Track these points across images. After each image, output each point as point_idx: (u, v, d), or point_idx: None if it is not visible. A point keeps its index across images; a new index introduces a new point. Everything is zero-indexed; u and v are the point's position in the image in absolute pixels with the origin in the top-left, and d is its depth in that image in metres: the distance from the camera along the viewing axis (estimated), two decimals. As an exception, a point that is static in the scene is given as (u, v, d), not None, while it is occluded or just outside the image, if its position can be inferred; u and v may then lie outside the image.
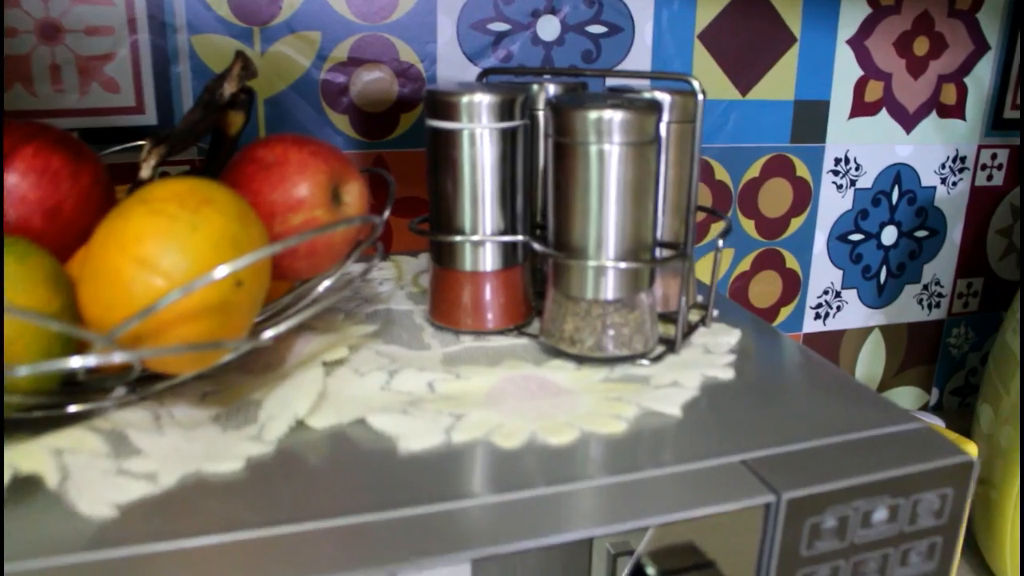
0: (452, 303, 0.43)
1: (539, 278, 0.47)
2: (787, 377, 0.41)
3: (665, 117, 0.42)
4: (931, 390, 0.85)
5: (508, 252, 0.43)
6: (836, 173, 0.73)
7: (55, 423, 0.34)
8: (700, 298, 0.50)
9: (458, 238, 0.42)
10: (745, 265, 0.73)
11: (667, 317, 0.45)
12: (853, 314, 0.78)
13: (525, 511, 0.30)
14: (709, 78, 0.67)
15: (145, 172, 0.40)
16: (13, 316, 0.29)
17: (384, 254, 0.58)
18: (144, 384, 0.36)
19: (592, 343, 0.39)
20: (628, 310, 0.39)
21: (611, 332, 0.39)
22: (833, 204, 0.74)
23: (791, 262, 0.74)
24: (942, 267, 0.80)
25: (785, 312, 0.76)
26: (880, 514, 0.33)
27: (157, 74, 0.58)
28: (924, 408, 0.85)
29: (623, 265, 0.38)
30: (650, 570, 0.31)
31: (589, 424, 0.35)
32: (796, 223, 0.73)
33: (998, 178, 0.79)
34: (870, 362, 0.81)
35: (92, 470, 0.31)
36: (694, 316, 0.46)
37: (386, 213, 0.39)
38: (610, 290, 0.39)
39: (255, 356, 0.40)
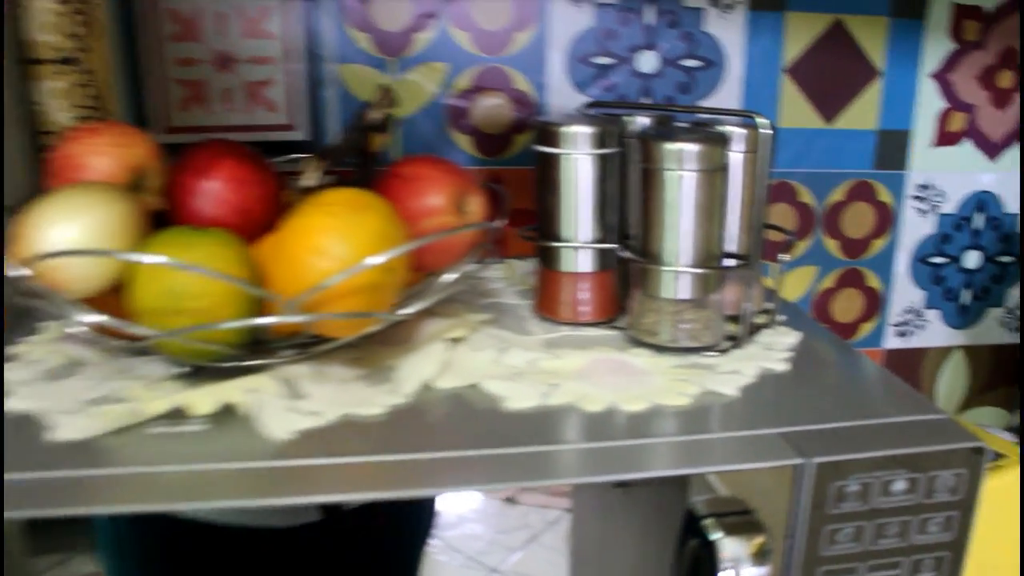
0: (554, 298, 0.53)
1: (627, 281, 0.56)
2: (835, 372, 0.49)
3: (741, 147, 0.51)
4: (1014, 411, 0.89)
5: (601, 257, 0.52)
6: (919, 199, 0.79)
7: (244, 372, 0.45)
8: (772, 307, 0.58)
9: (560, 244, 0.51)
10: (829, 282, 0.80)
11: (736, 319, 0.53)
12: (935, 334, 0.84)
13: (602, 456, 0.39)
14: (795, 108, 0.75)
15: (312, 181, 0.51)
16: (225, 282, 0.40)
17: (498, 256, 0.68)
18: (309, 348, 0.46)
19: (668, 335, 0.48)
20: (699, 308, 0.48)
21: (684, 326, 0.48)
22: (915, 227, 0.80)
23: (872, 281, 0.81)
24: (1027, 292, 0.85)
25: (866, 328, 0.82)
26: (899, 485, 0.41)
27: (309, 97, 0.70)
28: (1009, 429, 0.89)
29: (695, 270, 0.47)
30: (702, 511, 0.40)
31: (659, 398, 0.44)
32: (878, 244, 0.80)
33: (1086, 207, 0.83)
34: (951, 381, 0.86)
35: (273, 406, 0.41)
36: (762, 320, 0.54)
37: (501, 221, 0.49)
38: (684, 290, 0.47)
39: (392, 332, 0.50)
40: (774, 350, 0.50)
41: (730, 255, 0.51)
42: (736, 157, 0.50)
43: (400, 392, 0.44)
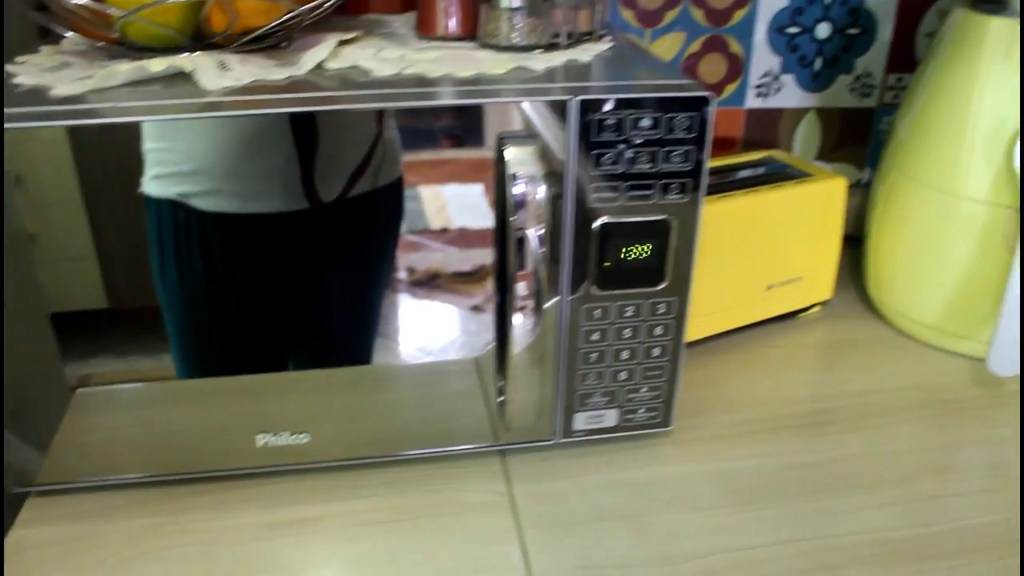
0: (428, 19, 0.71)
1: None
2: (626, 61, 0.68)
3: None
4: (864, 168, 1.08)
5: (463, -16, 0.70)
6: (775, -26, 0.96)
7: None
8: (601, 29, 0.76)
9: (430, -26, 0.70)
10: (695, 47, 0.98)
11: (570, 34, 0.71)
12: (790, 96, 1.02)
13: (442, 96, 0.58)
14: None
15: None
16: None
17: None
18: (235, 40, 0.65)
19: (504, 37, 0.67)
20: (528, 16, 0.66)
21: (518, 27, 0.66)
22: (772, 1, 0.97)
23: (734, 47, 0.98)
24: (873, 62, 1.02)
25: (730, 89, 1.00)
26: (645, 122, 0.60)
27: None
28: (855, 185, 1.08)
29: (522, -16, 0.65)
30: (506, 136, 0.59)
31: (484, 70, 0.63)
32: (739, 15, 0.97)
33: (927, -14, 1.00)
34: (806, 138, 1.05)
35: (209, 71, 0.61)
36: (588, 37, 0.72)
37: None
38: (516, 0, 0.66)
39: (303, 43, 0.69)
40: (587, 52, 0.69)
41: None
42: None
43: (301, 70, 0.63)
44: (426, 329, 0.66)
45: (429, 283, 0.64)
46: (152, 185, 0.58)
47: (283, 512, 0.67)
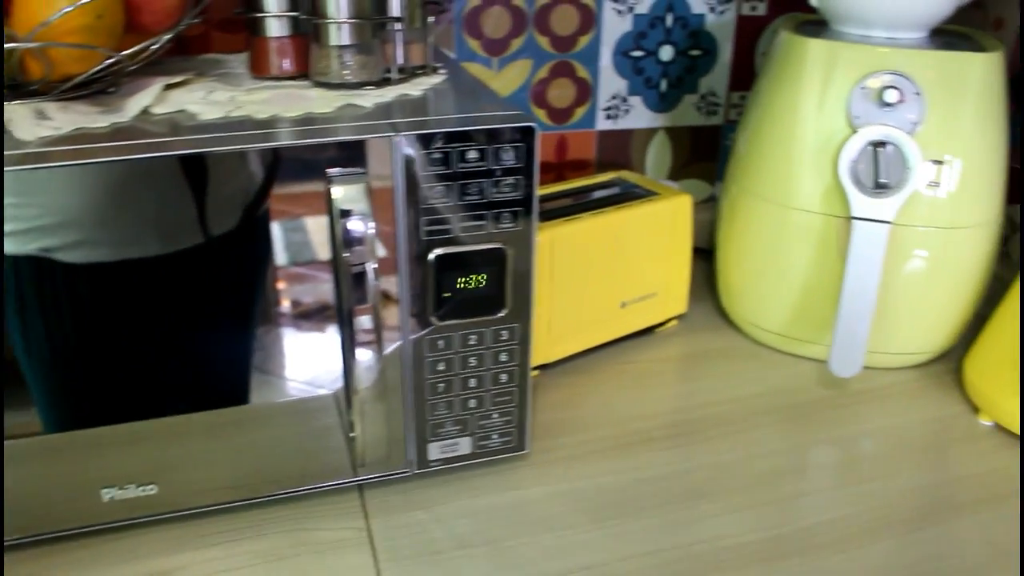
0: (261, 59, 0.71)
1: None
2: (456, 95, 0.69)
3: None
4: (715, 183, 1.13)
5: (291, 24, 0.70)
6: (616, 0, 1.00)
7: (4, 106, 0.62)
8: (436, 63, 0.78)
9: (258, 14, 0.70)
10: (543, 73, 1.01)
11: (402, 69, 0.73)
12: (639, 117, 1.06)
13: (266, 138, 0.59)
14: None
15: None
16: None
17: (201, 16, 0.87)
18: (55, 88, 0.64)
19: (335, 75, 0.68)
20: (358, 53, 0.67)
21: (348, 64, 0.67)
22: (615, 26, 1.01)
23: (582, 72, 1.02)
24: (716, 81, 1.07)
25: (580, 112, 1.03)
26: (472, 154, 0.61)
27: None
28: (708, 200, 1.13)
29: (350, 20, 0.66)
30: (333, 175, 0.59)
31: (312, 109, 0.63)
32: (584, 40, 1.00)
33: (761, 9, 1.05)
34: (658, 157, 1.08)
35: (24, 121, 0.60)
36: (421, 71, 0.74)
37: (204, -6, 0.67)
38: (344, 37, 0.66)
39: (130, 88, 0.68)
40: (419, 86, 0.70)
41: (389, 18, 0.70)
42: (385, -60, 0.69)
43: (126, 116, 0.63)
44: (315, 363, 0.66)
45: (317, 315, 0.64)
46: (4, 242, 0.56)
47: (135, 567, 0.65)
